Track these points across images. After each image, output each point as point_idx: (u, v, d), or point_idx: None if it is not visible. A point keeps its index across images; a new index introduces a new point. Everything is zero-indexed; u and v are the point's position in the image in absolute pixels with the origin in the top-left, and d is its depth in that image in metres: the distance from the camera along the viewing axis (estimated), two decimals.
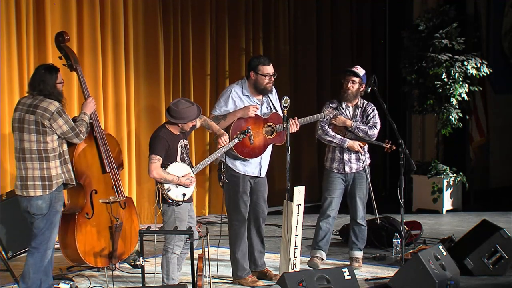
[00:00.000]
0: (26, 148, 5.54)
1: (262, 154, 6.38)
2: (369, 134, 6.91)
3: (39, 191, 5.51)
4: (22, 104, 5.62)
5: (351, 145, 6.87)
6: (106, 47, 8.53)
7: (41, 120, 5.51)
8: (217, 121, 6.26)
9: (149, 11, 9.00)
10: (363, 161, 6.95)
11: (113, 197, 6.37)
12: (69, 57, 6.38)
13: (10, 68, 7.76)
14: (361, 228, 7.02)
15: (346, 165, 6.93)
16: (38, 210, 5.53)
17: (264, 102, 6.46)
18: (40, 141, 5.53)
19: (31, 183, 5.51)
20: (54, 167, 5.56)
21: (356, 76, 6.89)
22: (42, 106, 5.53)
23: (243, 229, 6.42)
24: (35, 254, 5.59)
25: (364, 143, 6.93)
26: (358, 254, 7.02)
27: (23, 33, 7.82)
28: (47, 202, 5.54)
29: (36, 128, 5.52)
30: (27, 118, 5.54)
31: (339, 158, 6.94)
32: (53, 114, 5.52)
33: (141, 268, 5.50)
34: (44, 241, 5.58)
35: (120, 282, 6.49)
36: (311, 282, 5.53)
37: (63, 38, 6.44)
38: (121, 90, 8.68)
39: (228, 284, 6.46)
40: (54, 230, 5.65)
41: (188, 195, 5.84)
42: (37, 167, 5.52)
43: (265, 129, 6.37)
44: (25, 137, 5.54)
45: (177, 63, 9.36)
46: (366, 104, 7.02)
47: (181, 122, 5.81)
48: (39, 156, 5.53)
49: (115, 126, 8.55)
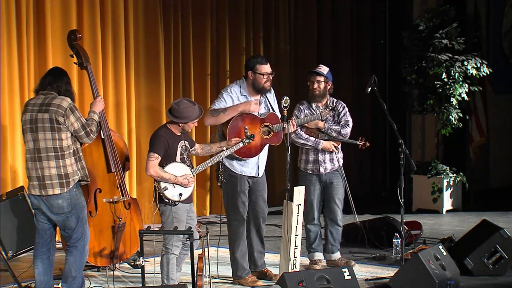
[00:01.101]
0: (42, 147, 5.55)
1: (258, 154, 6.38)
2: (342, 133, 6.89)
3: (57, 189, 5.53)
4: (32, 105, 5.63)
5: (325, 146, 6.85)
6: (106, 47, 8.53)
7: (56, 117, 5.53)
8: (216, 114, 6.26)
9: (149, 10, 9.00)
10: (337, 160, 6.94)
11: (117, 197, 6.38)
12: (80, 56, 6.44)
13: (10, 68, 7.76)
14: (338, 230, 7.00)
15: (321, 166, 6.89)
16: (60, 210, 5.56)
17: (262, 102, 6.47)
18: (55, 138, 5.54)
19: (48, 182, 5.52)
20: (70, 165, 5.58)
21: (320, 75, 6.85)
22: (55, 103, 5.55)
23: (242, 229, 6.42)
24: (74, 252, 5.66)
25: (338, 143, 6.92)
26: (338, 255, 7.01)
27: (23, 33, 7.83)
28: (68, 201, 5.57)
29: (51, 125, 5.54)
30: (40, 117, 5.55)
31: (313, 159, 6.91)
32: (66, 110, 5.54)
33: (141, 268, 5.51)
34: (81, 238, 5.66)
35: (120, 282, 6.49)
36: (311, 282, 5.53)
37: (75, 36, 6.48)
38: (122, 89, 8.68)
39: (228, 284, 6.46)
40: (85, 225, 5.72)
41: (185, 195, 5.84)
42: (54, 166, 5.53)
43: (262, 129, 6.37)
44: (40, 136, 5.55)
45: (177, 63, 9.37)
46: (336, 103, 6.96)
47: (182, 121, 5.82)
48: (55, 154, 5.54)
49: (116, 125, 8.55)
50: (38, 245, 5.75)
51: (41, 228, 5.71)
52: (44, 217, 5.66)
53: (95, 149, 6.29)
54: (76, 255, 5.67)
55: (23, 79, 7.84)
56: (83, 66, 6.46)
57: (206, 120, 6.34)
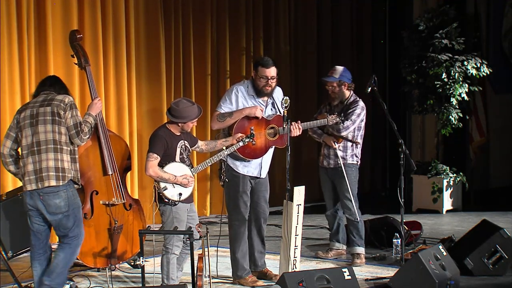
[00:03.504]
0: (42, 139, 5.57)
1: (263, 156, 6.38)
2: (335, 128, 6.96)
3: (53, 181, 5.53)
4: (34, 102, 5.69)
5: (326, 139, 7.07)
6: (107, 48, 8.53)
7: (57, 110, 5.59)
8: (222, 119, 6.26)
9: (150, 11, 9.01)
10: (341, 157, 6.99)
11: (114, 199, 6.37)
12: (79, 56, 6.44)
13: (11, 68, 7.76)
14: (355, 224, 7.06)
15: (324, 160, 7.14)
16: (58, 209, 5.56)
17: (269, 104, 6.45)
18: (55, 131, 5.58)
19: (45, 174, 5.53)
20: (66, 161, 5.61)
21: (331, 80, 7.03)
22: (58, 98, 5.65)
23: (243, 229, 6.42)
24: (67, 249, 5.67)
25: (340, 140, 6.97)
26: (359, 250, 7.03)
27: (24, 33, 7.83)
28: (65, 201, 5.58)
29: (53, 118, 5.59)
30: (42, 110, 5.60)
31: (322, 153, 7.19)
32: (67, 105, 5.62)
33: (141, 268, 5.51)
34: (76, 237, 5.67)
35: (120, 282, 6.49)
36: (311, 282, 5.53)
37: (75, 37, 6.48)
38: (123, 91, 8.68)
39: (228, 284, 6.46)
40: (81, 224, 5.74)
41: (184, 195, 5.84)
42: (52, 158, 5.55)
43: (267, 131, 6.36)
44: (40, 129, 5.58)
45: (178, 63, 9.37)
46: (351, 102, 7.04)
47: (182, 121, 5.83)
48: (54, 146, 5.57)
49: (117, 127, 8.55)
50: (34, 247, 5.73)
51: (36, 230, 5.69)
52: (40, 218, 5.65)
53: (92, 151, 6.28)
54: (68, 253, 5.66)
55: (23, 79, 7.84)
56: (82, 66, 6.47)
57: (213, 125, 6.39)
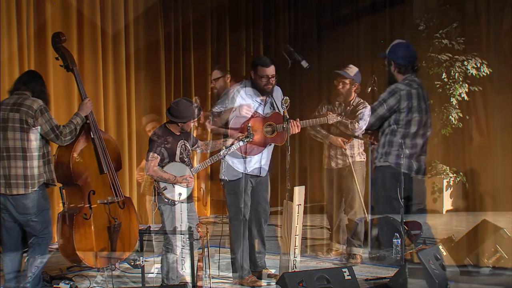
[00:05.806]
0: (11, 146, 5.59)
1: (261, 152, 6.38)
2: (349, 127, 6.94)
3: (21, 189, 5.57)
4: (6, 104, 5.68)
5: (333, 140, 7.01)
6: (106, 47, 8.54)
7: (26, 118, 5.58)
8: (213, 119, 6.28)
9: (149, 11, 9.01)
10: (350, 156, 6.98)
11: (111, 198, 6.37)
12: (65, 58, 6.37)
13: (11, 69, 7.76)
14: (356, 225, 7.07)
15: (331, 161, 7.08)
16: (25, 210, 5.61)
17: (268, 102, 6.46)
18: (24, 139, 5.58)
19: (14, 181, 5.57)
20: (36, 167, 5.62)
21: (347, 76, 6.95)
22: (26, 104, 5.61)
23: (243, 229, 6.41)
24: (37, 250, 5.69)
25: (349, 139, 6.96)
26: (357, 250, 7.04)
27: (23, 33, 7.83)
28: (33, 202, 5.61)
29: (21, 126, 5.58)
30: (11, 116, 5.60)
31: (328, 154, 7.13)
32: (36, 112, 5.60)
33: (141, 268, 5.51)
34: (44, 238, 5.70)
35: (120, 282, 6.49)
36: (311, 282, 5.53)
37: (59, 39, 6.42)
38: (122, 91, 8.69)
39: (228, 284, 6.46)
40: (49, 226, 5.76)
41: (184, 195, 5.84)
42: (20, 166, 5.58)
43: (265, 128, 6.37)
44: (9, 135, 5.59)
45: (178, 63, 9.37)
46: (358, 103, 7.03)
47: (181, 121, 5.83)
48: (23, 154, 5.58)
49: (116, 128, 8.56)
50: (6, 245, 5.77)
51: (8, 227, 5.73)
52: (10, 217, 5.70)
53: (86, 151, 6.27)
54: (38, 253, 5.68)
55: None
56: (69, 68, 6.37)
57: (206, 125, 6.43)
